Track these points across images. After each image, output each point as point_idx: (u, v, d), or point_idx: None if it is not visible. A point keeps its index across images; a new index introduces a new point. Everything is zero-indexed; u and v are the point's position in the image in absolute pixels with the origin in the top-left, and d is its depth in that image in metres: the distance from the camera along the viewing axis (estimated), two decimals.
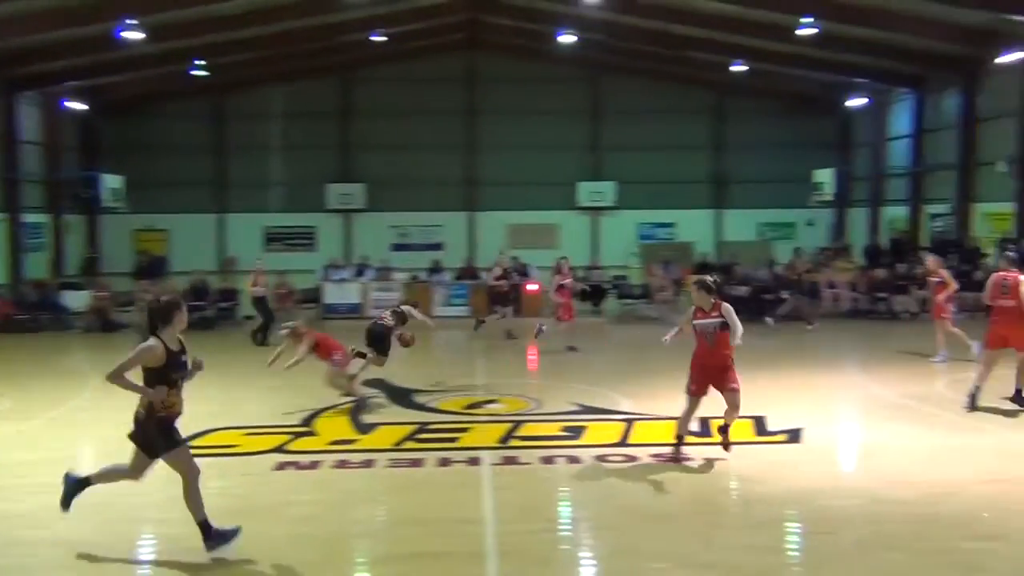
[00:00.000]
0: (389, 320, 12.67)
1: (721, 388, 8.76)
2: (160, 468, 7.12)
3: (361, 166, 39.31)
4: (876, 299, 20.52)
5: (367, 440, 9.84)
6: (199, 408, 11.38)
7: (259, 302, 18.63)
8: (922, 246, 26.08)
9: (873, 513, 7.20)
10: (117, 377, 6.51)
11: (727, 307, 8.76)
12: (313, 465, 8.83)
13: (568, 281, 17.20)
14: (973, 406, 10.48)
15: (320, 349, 11.47)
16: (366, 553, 6.87)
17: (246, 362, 15.78)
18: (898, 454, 8.92)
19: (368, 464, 8.85)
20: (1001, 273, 10.92)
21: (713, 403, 11.20)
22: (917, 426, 10.09)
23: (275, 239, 39.83)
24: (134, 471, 6.88)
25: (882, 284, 20.65)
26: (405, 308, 13.25)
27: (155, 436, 6.70)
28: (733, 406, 8.78)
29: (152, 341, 6.75)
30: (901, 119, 35.98)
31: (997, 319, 10.80)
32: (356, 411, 11.14)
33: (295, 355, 11.43)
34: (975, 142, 30.69)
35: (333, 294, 21.66)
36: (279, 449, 9.42)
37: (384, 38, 32.08)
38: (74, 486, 6.95)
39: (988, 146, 30.15)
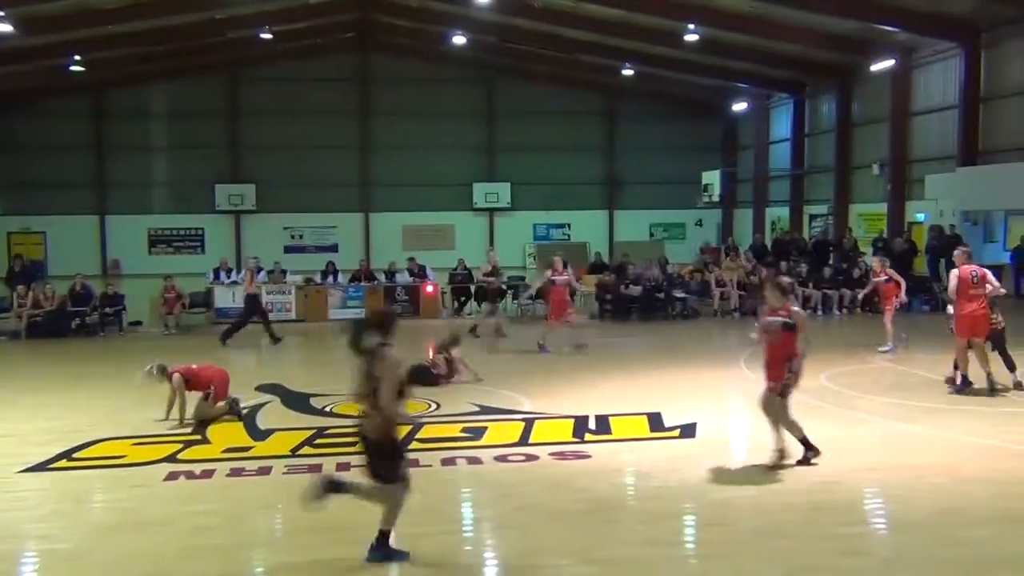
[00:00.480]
0: (440, 368, 12.48)
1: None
2: (39, 483, 6.78)
3: (251, 166, 38.43)
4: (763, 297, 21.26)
5: (263, 447, 9.61)
6: (82, 418, 11.02)
7: (251, 301, 18.17)
8: (801, 248, 27.14)
9: (764, 503, 7.47)
10: (395, 408, 6.23)
11: (796, 310, 8.57)
12: (206, 474, 8.57)
13: (563, 278, 16.25)
14: (993, 389, 11.22)
15: (194, 383, 10.79)
16: (264, 563, 6.71)
17: (133, 369, 15.17)
18: (789, 446, 9.25)
19: (264, 471, 8.65)
20: (967, 268, 11.59)
21: (613, 402, 11.42)
22: (805, 418, 10.46)
23: (160, 241, 38.54)
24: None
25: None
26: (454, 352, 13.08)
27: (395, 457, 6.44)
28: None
29: (396, 353, 6.50)
30: (782, 123, 37.47)
31: (969, 310, 11.31)
32: (250, 417, 10.86)
33: (170, 400, 10.63)
34: (850, 146, 32.23)
35: (224, 298, 21.03)
36: (170, 459, 9.10)
37: (271, 36, 31.44)
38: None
39: (863, 150, 31.71)
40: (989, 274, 11.81)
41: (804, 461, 8.44)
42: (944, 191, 26.39)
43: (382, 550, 6.41)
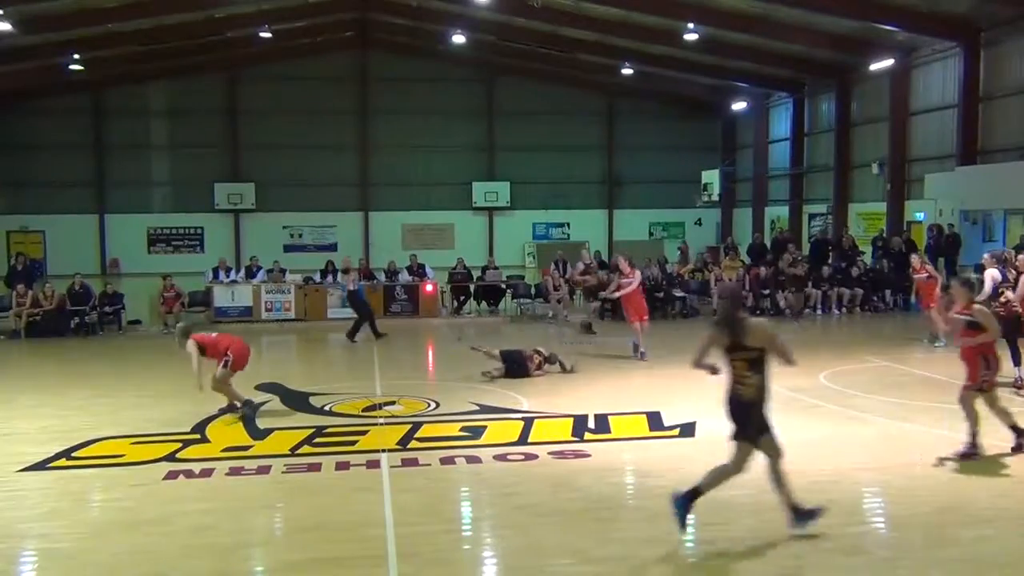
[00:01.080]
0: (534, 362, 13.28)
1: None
2: (38, 482, 6.78)
3: (250, 166, 38.45)
4: (761, 296, 21.26)
5: (262, 446, 9.61)
6: (82, 417, 11.03)
7: (352, 297, 18.39)
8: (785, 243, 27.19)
9: (763, 502, 7.46)
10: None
11: (979, 308, 8.73)
12: (206, 473, 8.57)
13: (633, 280, 15.10)
14: None
15: (209, 351, 11.03)
16: (264, 561, 6.71)
17: (132, 368, 15.22)
18: (787, 445, 9.22)
19: (264, 470, 8.65)
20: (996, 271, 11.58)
21: (612, 401, 11.43)
22: (804, 418, 10.52)
23: (159, 240, 38.55)
24: (737, 465, 6.71)
25: (766, 281, 21.41)
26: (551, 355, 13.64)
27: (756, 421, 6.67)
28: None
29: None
30: (781, 122, 37.48)
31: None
32: (250, 417, 10.87)
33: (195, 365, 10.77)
34: (849, 145, 32.25)
35: (223, 297, 21.02)
36: (169, 457, 9.10)
37: (271, 35, 31.44)
38: (684, 503, 6.65)
39: (862, 149, 31.73)
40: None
41: (1017, 448, 8.65)
42: (943, 190, 26.39)
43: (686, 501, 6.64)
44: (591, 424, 10.25)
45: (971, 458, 8.47)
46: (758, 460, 8.90)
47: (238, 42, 33.79)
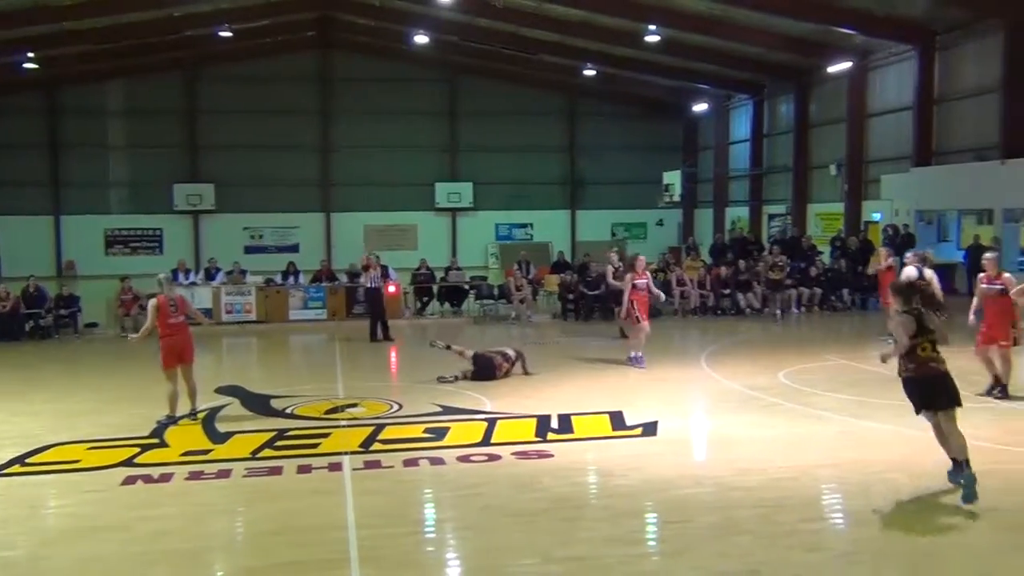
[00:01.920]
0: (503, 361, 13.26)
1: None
2: None
3: (210, 166, 38.04)
4: (722, 295, 21.46)
5: (222, 450, 9.50)
6: (36, 422, 10.83)
7: (371, 294, 18.41)
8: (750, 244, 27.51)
9: (724, 500, 7.55)
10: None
11: (1008, 277, 10.19)
12: (165, 478, 8.45)
13: (643, 281, 14.43)
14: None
15: (162, 321, 10.77)
16: (224, 567, 6.63)
17: (89, 372, 14.98)
18: (747, 443, 9.38)
19: (224, 474, 8.55)
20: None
21: (575, 401, 11.47)
22: (763, 416, 10.64)
23: (116, 242, 37.98)
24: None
25: (727, 281, 21.61)
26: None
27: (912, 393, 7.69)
28: (1003, 360, 10.99)
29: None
30: (741, 124, 37.91)
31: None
32: (210, 420, 10.75)
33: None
34: (808, 146, 32.71)
35: None
36: (127, 463, 8.96)
37: (231, 34, 31.12)
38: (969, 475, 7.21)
39: (820, 150, 32.19)
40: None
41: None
42: (899, 191, 26.87)
43: (964, 473, 7.22)
44: (554, 424, 10.27)
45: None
46: (712, 458, 9.01)
47: (197, 41, 33.39)
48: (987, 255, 11.91)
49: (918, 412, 7.81)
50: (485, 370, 13.00)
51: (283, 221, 38.74)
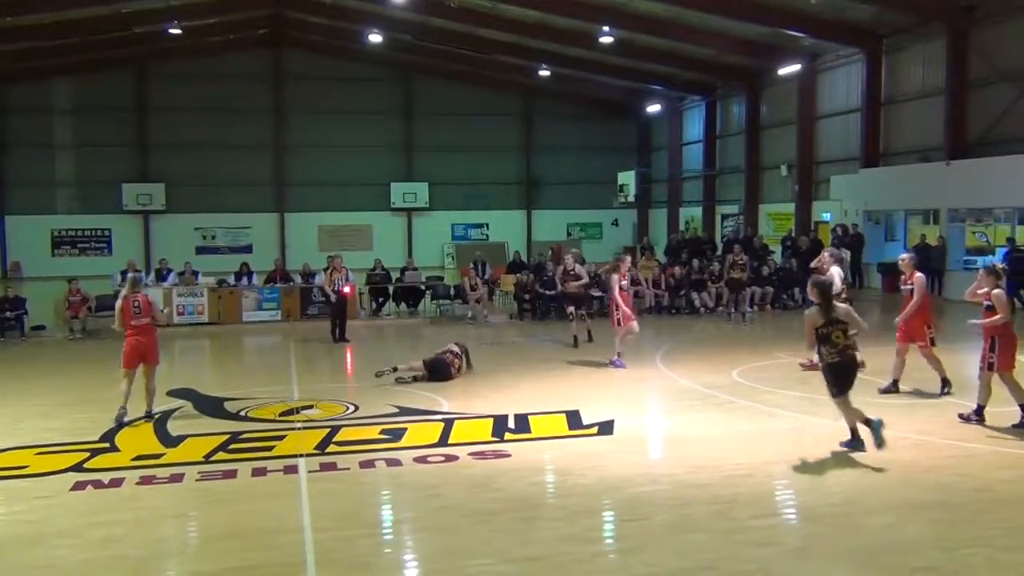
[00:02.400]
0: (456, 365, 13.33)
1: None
2: None
3: (160, 165, 37.46)
4: (677, 295, 21.65)
5: (175, 453, 9.37)
6: None
7: (340, 296, 17.99)
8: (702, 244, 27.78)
9: (679, 497, 7.64)
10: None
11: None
12: (116, 483, 8.31)
13: (626, 282, 14.56)
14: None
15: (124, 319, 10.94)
16: (177, 572, 6.55)
17: (36, 375, 14.65)
18: (702, 441, 9.50)
19: (177, 478, 8.43)
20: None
21: (532, 401, 11.51)
22: (718, 413, 10.78)
23: (64, 242, 37.22)
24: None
25: (681, 281, 21.81)
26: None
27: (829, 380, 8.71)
28: (929, 360, 11.30)
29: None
30: (694, 125, 38.33)
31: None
32: (162, 423, 10.58)
33: None
34: (759, 148, 33.19)
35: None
36: (76, 468, 8.79)
37: (180, 31, 30.66)
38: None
39: (771, 151, 32.68)
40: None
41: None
42: (848, 192, 27.40)
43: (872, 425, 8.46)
44: (511, 424, 10.30)
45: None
46: (668, 456, 9.10)
47: (147, 38, 32.85)
48: (903, 256, 12.25)
49: (837, 396, 8.72)
50: (440, 372, 13.00)
51: (236, 221, 38.28)
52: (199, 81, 37.08)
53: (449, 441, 9.63)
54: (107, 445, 9.71)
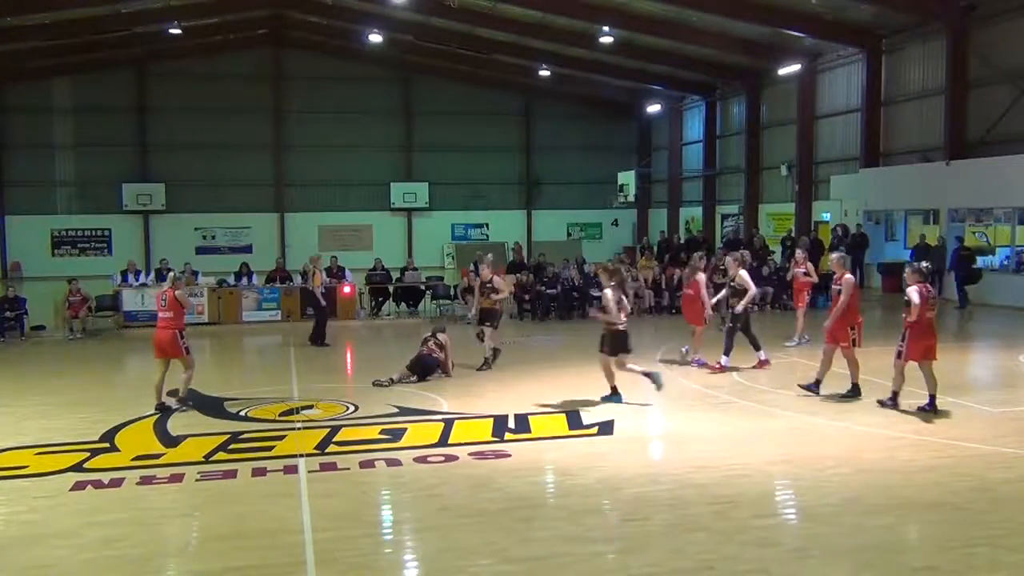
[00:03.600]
0: (438, 354, 13.37)
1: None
2: None
3: (160, 165, 37.46)
4: (676, 295, 21.62)
5: (175, 453, 9.37)
6: None
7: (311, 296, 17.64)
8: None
9: (679, 497, 7.64)
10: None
11: (848, 278, 11.11)
12: (116, 483, 8.30)
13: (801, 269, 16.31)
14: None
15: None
16: (177, 572, 6.54)
17: (36, 375, 14.64)
18: (701, 441, 9.50)
19: (177, 479, 8.43)
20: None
21: (532, 401, 11.51)
22: (717, 413, 10.79)
23: (64, 243, 37.22)
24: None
25: (681, 281, 21.77)
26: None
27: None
28: (848, 362, 11.33)
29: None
30: (694, 125, 38.32)
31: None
32: (161, 423, 10.59)
33: None
34: (759, 148, 33.17)
35: (132, 301, 20.38)
36: (76, 468, 8.79)
37: (180, 31, 30.67)
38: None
39: (771, 151, 32.67)
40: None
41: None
42: (848, 191, 27.39)
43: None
44: (511, 424, 10.30)
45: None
46: (668, 456, 9.10)
47: (147, 38, 32.84)
48: (832, 255, 12.44)
49: (615, 354, 11.09)
50: (427, 369, 13.02)
51: (236, 221, 38.27)
52: (199, 81, 37.08)
53: (449, 441, 9.63)
54: (107, 445, 9.71)
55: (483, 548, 6.60)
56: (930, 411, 10.25)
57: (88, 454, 9.29)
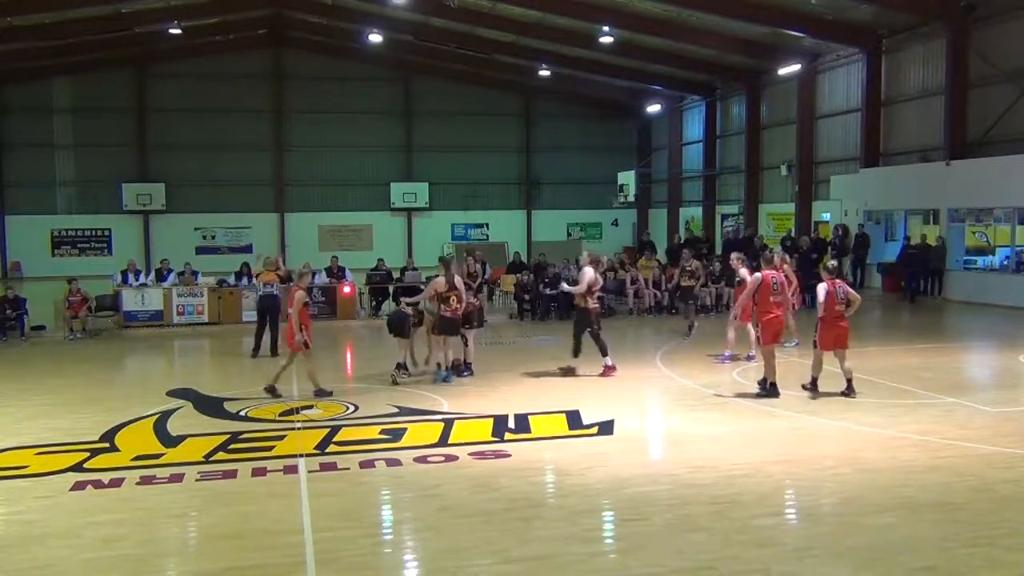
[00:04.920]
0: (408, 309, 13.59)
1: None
2: None
3: (160, 165, 37.45)
4: (676, 295, 21.60)
5: (175, 453, 9.36)
6: None
7: (267, 301, 16.06)
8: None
9: (679, 497, 7.63)
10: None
11: (743, 272, 12.87)
12: (115, 483, 8.30)
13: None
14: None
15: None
16: (177, 572, 6.54)
17: (36, 375, 14.63)
18: (701, 440, 9.50)
19: (177, 478, 8.43)
20: (769, 273, 12.18)
21: (532, 401, 11.50)
22: (718, 413, 10.78)
23: (64, 243, 37.21)
24: None
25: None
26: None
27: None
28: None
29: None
30: (694, 125, 38.31)
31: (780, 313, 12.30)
32: (162, 423, 10.58)
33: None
34: (759, 147, 33.16)
35: (132, 301, 20.38)
36: (76, 468, 8.79)
37: (180, 31, 30.66)
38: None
39: (771, 151, 32.66)
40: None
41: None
42: (848, 192, 27.38)
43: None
44: (511, 424, 10.29)
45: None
46: (668, 456, 9.10)
47: (147, 38, 32.84)
48: (732, 255, 14.26)
49: (442, 334, 12.65)
50: (397, 325, 13.17)
51: (236, 221, 38.27)
52: (199, 81, 37.08)
53: (449, 441, 9.63)
54: (107, 445, 9.71)
55: (483, 548, 6.59)
56: (850, 395, 11.21)
57: (88, 454, 9.29)
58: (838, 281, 11.52)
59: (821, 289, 11.42)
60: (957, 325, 19.95)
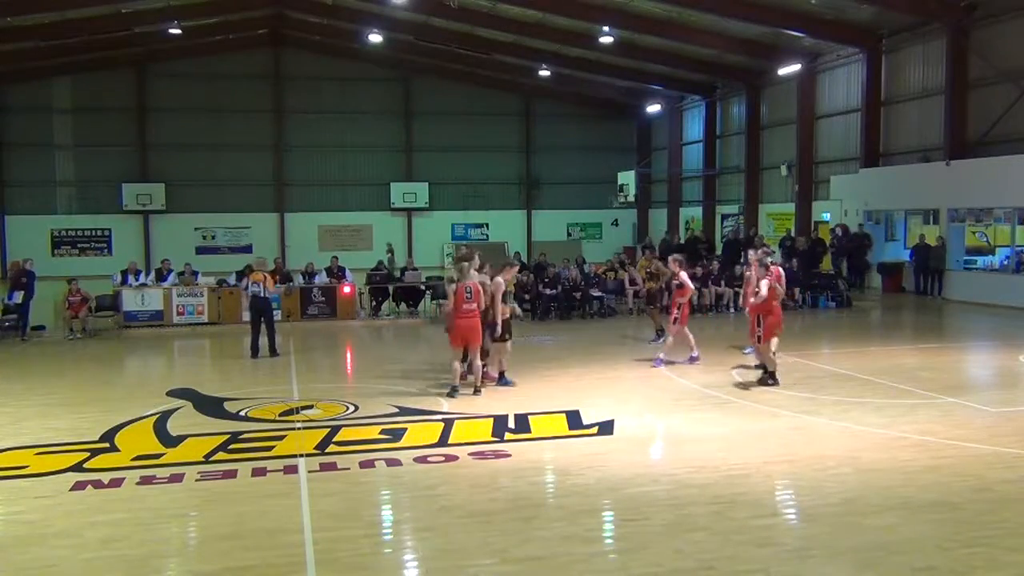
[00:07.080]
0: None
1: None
2: None
3: (160, 165, 37.47)
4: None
5: (175, 453, 9.36)
6: None
7: (256, 301, 15.89)
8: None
9: (679, 497, 7.63)
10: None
11: (663, 268, 13.02)
12: (115, 483, 8.30)
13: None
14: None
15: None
16: (177, 572, 6.54)
17: (36, 376, 14.64)
18: (701, 440, 9.50)
19: (177, 478, 8.43)
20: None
21: (532, 401, 11.51)
22: (716, 413, 10.78)
23: (64, 243, 37.22)
24: None
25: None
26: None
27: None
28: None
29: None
30: (694, 125, 38.31)
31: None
32: (162, 423, 10.59)
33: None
34: (759, 148, 33.16)
35: (132, 301, 20.39)
36: (76, 468, 8.79)
37: (180, 31, 30.67)
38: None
39: (771, 151, 32.67)
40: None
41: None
42: (848, 191, 27.38)
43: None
44: (511, 424, 10.30)
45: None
46: (667, 456, 9.10)
47: (146, 38, 32.84)
48: (670, 257, 14.71)
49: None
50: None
51: (236, 221, 38.29)
52: (199, 81, 37.09)
53: (449, 441, 9.63)
54: (107, 445, 9.71)
55: (483, 548, 6.59)
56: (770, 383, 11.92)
57: (88, 454, 9.29)
58: (778, 270, 12.33)
59: (764, 285, 11.93)
60: (957, 325, 19.96)
